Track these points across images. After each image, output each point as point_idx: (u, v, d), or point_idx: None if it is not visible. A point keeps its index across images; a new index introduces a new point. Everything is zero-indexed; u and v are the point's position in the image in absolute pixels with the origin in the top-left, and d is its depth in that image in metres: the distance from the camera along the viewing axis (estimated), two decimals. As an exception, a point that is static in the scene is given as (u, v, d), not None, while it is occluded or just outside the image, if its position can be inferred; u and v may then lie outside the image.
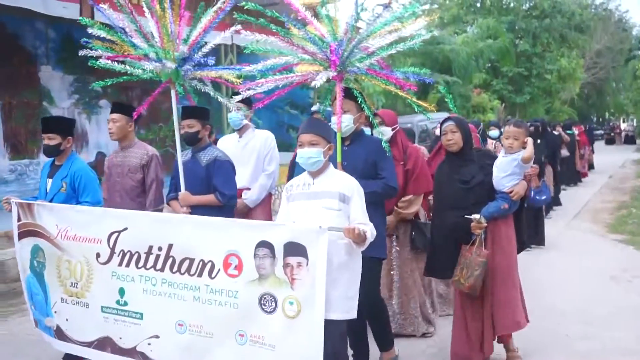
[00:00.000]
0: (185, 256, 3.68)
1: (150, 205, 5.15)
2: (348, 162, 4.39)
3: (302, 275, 3.31)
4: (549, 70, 30.14)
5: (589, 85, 40.10)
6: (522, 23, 30.20)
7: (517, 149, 4.56)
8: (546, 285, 7.11)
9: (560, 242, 9.73)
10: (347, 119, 4.43)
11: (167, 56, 4.57)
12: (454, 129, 4.58)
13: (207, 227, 3.73)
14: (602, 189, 16.98)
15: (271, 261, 3.39)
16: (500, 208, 4.49)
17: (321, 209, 3.61)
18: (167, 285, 3.75)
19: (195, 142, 4.92)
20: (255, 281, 3.43)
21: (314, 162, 3.67)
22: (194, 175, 4.86)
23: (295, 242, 3.33)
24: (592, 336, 5.44)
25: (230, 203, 4.93)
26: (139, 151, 5.23)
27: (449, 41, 23.15)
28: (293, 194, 3.78)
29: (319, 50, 4.09)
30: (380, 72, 4.15)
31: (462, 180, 4.57)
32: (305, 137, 3.70)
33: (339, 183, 3.69)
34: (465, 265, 4.42)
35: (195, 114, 4.92)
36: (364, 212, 3.67)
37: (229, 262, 3.52)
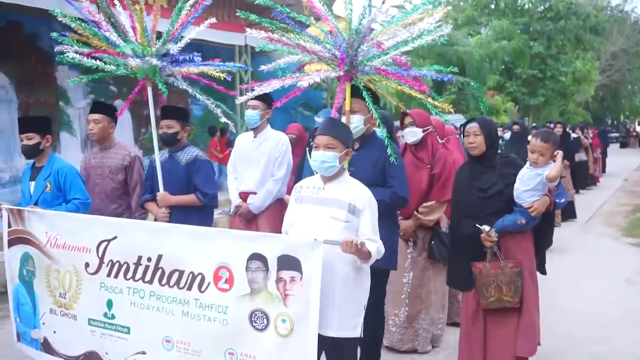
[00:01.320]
0: (174, 268, 3.52)
1: (137, 209, 5.03)
2: (356, 168, 4.14)
3: (296, 290, 3.13)
4: (564, 72, 29.92)
5: (604, 87, 39.80)
6: (537, 25, 30.01)
7: (543, 164, 4.12)
8: (560, 288, 7.08)
9: (574, 245, 9.67)
10: (357, 120, 4.17)
11: (144, 52, 4.42)
12: (477, 131, 4.24)
13: (197, 237, 3.55)
14: (616, 192, 16.85)
15: (264, 275, 3.21)
16: (516, 222, 4.14)
17: (327, 217, 3.40)
18: (155, 298, 3.59)
19: (174, 143, 4.81)
20: (246, 296, 3.26)
21: (328, 167, 3.43)
22: (172, 175, 4.74)
23: (289, 255, 3.15)
24: (606, 339, 5.42)
25: (211, 203, 4.82)
26: (120, 152, 5.09)
27: (462, 43, 23.10)
28: (302, 195, 3.57)
29: (324, 49, 3.91)
30: (392, 71, 3.90)
31: (480, 188, 4.26)
32: (322, 139, 3.45)
33: (351, 193, 3.45)
34: (503, 283, 4.12)
35: (175, 114, 4.78)
36: (374, 228, 3.44)
37: (219, 275, 3.36)
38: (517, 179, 4.18)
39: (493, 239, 4.13)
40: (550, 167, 4.10)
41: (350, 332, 3.40)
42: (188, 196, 4.73)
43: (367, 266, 3.47)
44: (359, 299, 3.46)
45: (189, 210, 4.67)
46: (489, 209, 4.21)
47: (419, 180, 4.91)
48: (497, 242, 4.15)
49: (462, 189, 4.40)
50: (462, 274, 4.32)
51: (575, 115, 33.11)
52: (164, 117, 4.75)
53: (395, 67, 3.91)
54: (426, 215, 4.97)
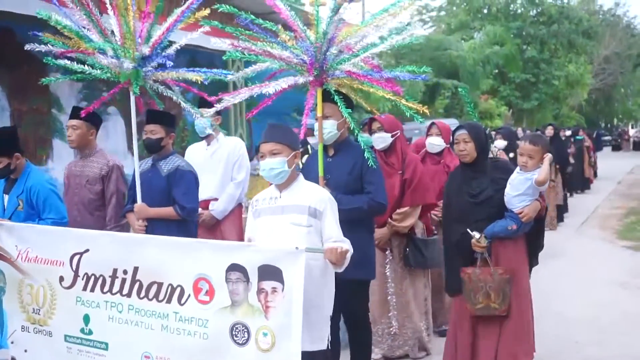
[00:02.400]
0: (152, 280, 3.37)
1: (111, 221, 4.77)
2: (332, 175, 4.02)
3: (277, 302, 3.00)
4: (557, 76, 30.10)
5: (597, 91, 40.00)
6: (530, 29, 30.19)
7: (533, 168, 4.03)
8: (555, 292, 7.07)
9: (568, 248, 9.67)
10: (330, 125, 4.02)
11: (127, 55, 4.22)
12: (467, 138, 4.14)
13: (173, 248, 3.41)
14: (610, 195, 16.89)
15: (245, 286, 3.07)
16: (507, 228, 4.05)
17: (288, 225, 3.27)
18: (134, 312, 3.43)
19: (157, 149, 4.54)
20: (227, 308, 3.12)
21: (277, 174, 3.29)
22: (153, 186, 4.48)
23: (270, 265, 3.03)
24: (602, 343, 5.40)
25: (190, 217, 4.56)
26: (99, 161, 4.82)
27: (456, 47, 23.18)
28: (259, 209, 3.43)
29: (292, 55, 3.82)
30: (364, 74, 3.80)
31: (470, 193, 4.17)
32: (265, 146, 3.33)
33: (308, 196, 3.33)
34: (491, 289, 4.02)
35: (159, 119, 4.54)
36: (338, 229, 3.34)
37: (199, 287, 3.22)
38: (508, 184, 4.09)
39: (483, 245, 4.04)
40: (537, 173, 4.03)
41: (318, 344, 3.29)
42: (166, 209, 4.45)
43: (332, 276, 3.36)
44: (326, 309, 3.35)
45: (168, 223, 4.42)
46: (479, 214, 4.11)
47: (391, 187, 4.72)
48: (488, 248, 4.06)
49: (453, 194, 4.30)
50: (454, 280, 4.23)
51: (569, 119, 33.25)
52: (148, 122, 4.54)
53: (367, 70, 3.83)
54: (400, 221, 4.84)
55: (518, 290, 4.14)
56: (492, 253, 4.11)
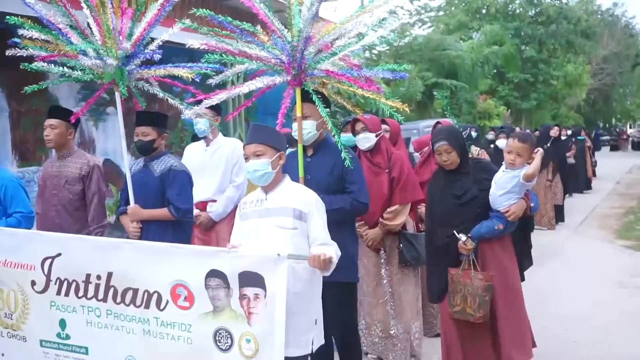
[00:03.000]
0: (127, 286, 3.31)
1: (93, 222, 4.63)
2: (312, 175, 3.97)
3: (260, 308, 2.97)
4: (555, 76, 30.11)
5: (596, 91, 40.02)
6: (528, 29, 30.18)
7: (520, 166, 3.98)
8: (553, 291, 7.09)
9: (567, 248, 9.71)
10: (309, 125, 3.97)
11: (109, 54, 4.10)
12: (449, 149, 4.06)
13: (148, 253, 3.35)
14: (609, 195, 16.91)
15: (226, 292, 3.04)
16: (493, 229, 3.98)
17: (274, 228, 3.22)
18: (113, 316, 3.36)
19: (150, 152, 4.43)
20: (209, 314, 3.09)
21: (261, 176, 3.25)
22: (146, 187, 4.39)
23: (251, 272, 2.99)
24: (599, 342, 5.42)
25: (186, 218, 4.47)
26: (78, 160, 4.68)
27: (454, 47, 23.19)
28: (246, 211, 3.38)
29: (270, 54, 3.76)
30: (342, 73, 3.74)
31: (454, 194, 4.10)
32: (249, 148, 3.29)
33: (294, 198, 3.29)
34: (468, 294, 3.94)
35: (151, 120, 4.42)
36: (325, 231, 3.28)
37: (177, 294, 3.17)
38: (493, 183, 4.05)
39: (469, 247, 3.97)
40: (525, 169, 3.97)
41: (303, 349, 3.25)
42: (160, 210, 4.36)
43: (319, 279, 3.30)
44: (311, 314, 3.30)
45: (163, 225, 4.33)
46: (465, 216, 4.05)
47: (379, 186, 4.73)
48: (474, 250, 4.00)
49: (436, 197, 4.24)
50: (437, 285, 4.16)
51: (567, 119, 33.27)
52: (139, 124, 4.41)
53: (346, 68, 3.77)
54: (392, 220, 4.78)
55: (508, 291, 4.07)
56: (479, 255, 4.04)
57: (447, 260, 4.09)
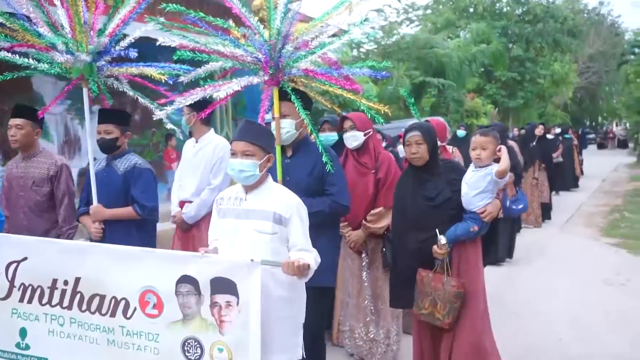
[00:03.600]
0: (94, 292, 3.18)
1: (65, 223, 4.49)
2: (291, 176, 3.87)
3: (232, 316, 2.86)
4: (542, 75, 30.21)
5: (582, 89, 40.28)
6: (515, 28, 30.26)
7: (487, 161, 3.89)
8: (539, 289, 7.13)
9: (553, 246, 9.76)
10: (287, 124, 3.86)
11: (80, 48, 3.97)
12: (420, 140, 3.91)
13: (119, 258, 3.20)
14: (595, 192, 17.03)
15: (196, 299, 2.93)
16: (468, 231, 3.86)
17: (251, 231, 3.10)
18: (76, 325, 3.23)
19: (112, 150, 4.33)
20: (178, 322, 2.98)
21: (247, 177, 3.12)
22: (109, 186, 4.27)
23: (223, 278, 2.88)
24: (584, 340, 5.45)
25: (151, 216, 4.34)
26: (45, 161, 4.53)
27: (442, 46, 23.23)
28: (223, 208, 3.25)
29: (245, 52, 3.66)
30: (321, 72, 3.64)
31: (426, 196, 3.94)
32: (239, 145, 3.13)
33: (275, 201, 3.15)
34: (439, 298, 3.81)
35: (114, 118, 4.32)
36: (305, 237, 3.17)
37: (145, 300, 3.05)
38: (463, 184, 3.92)
39: (444, 251, 3.84)
40: (496, 166, 3.87)
41: (292, 354, 3.18)
42: (124, 209, 4.25)
43: (302, 282, 3.17)
44: (297, 317, 3.23)
45: (126, 224, 4.22)
46: (438, 218, 3.89)
47: (365, 187, 4.63)
48: (448, 254, 3.87)
49: (406, 199, 4.05)
50: (404, 290, 4.00)
51: (554, 117, 33.43)
52: (101, 122, 4.28)
53: (325, 67, 3.68)
54: (375, 222, 4.66)
55: (475, 290, 3.93)
56: (453, 258, 3.92)
57: (418, 264, 3.95)
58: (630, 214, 12.76)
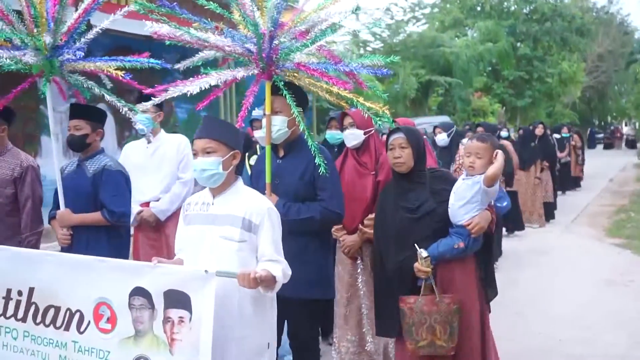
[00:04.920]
0: (49, 303, 2.99)
1: (27, 229, 4.18)
2: (281, 180, 3.60)
3: (184, 334, 2.64)
4: (550, 74, 30.12)
5: (591, 88, 40.07)
6: (523, 27, 30.19)
7: (481, 171, 3.43)
8: (541, 289, 7.10)
9: (557, 246, 9.72)
10: (279, 122, 3.58)
11: (37, 43, 3.74)
12: (404, 143, 3.55)
13: (73, 267, 3.01)
14: (601, 192, 16.93)
15: (150, 313, 2.71)
16: (452, 247, 3.42)
17: (218, 238, 2.85)
18: (29, 339, 3.05)
19: (82, 148, 4.04)
20: (130, 339, 2.77)
21: (210, 176, 2.86)
22: (77, 189, 4.01)
23: (177, 290, 2.66)
24: (586, 341, 5.41)
25: (121, 222, 4.06)
26: (11, 161, 4.23)
27: (449, 44, 23.21)
28: (190, 214, 3.00)
29: (236, 43, 3.41)
30: (315, 67, 3.40)
31: (407, 207, 3.54)
32: (199, 143, 2.89)
33: (245, 205, 2.88)
34: (437, 323, 3.32)
35: (84, 113, 4.04)
36: (275, 246, 2.89)
37: (99, 313, 2.85)
38: (452, 194, 3.50)
39: (427, 269, 3.39)
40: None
41: None
42: (93, 214, 3.97)
43: (271, 296, 2.93)
44: (262, 336, 2.94)
45: (96, 231, 3.97)
46: (419, 232, 3.49)
47: (363, 189, 4.27)
48: (432, 273, 3.42)
49: (386, 211, 3.68)
50: (390, 317, 3.58)
51: (562, 117, 33.31)
52: (72, 117, 4.02)
53: (323, 61, 3.46)
54: (372, 228, 4.19)
55: (466, 323, 3.46)
56: (437, 279, 3.46)
57: (401, 287, 3.52)
58: (636, 214, 12.67)
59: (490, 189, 3.41)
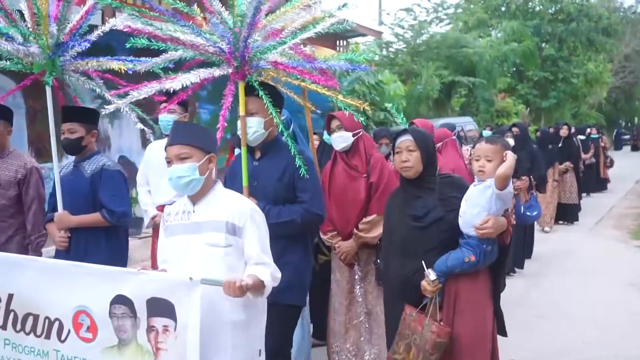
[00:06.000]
0: (28, 311, 2.91)
1: (34, 230, 4.19)
2: (259, 182, 3.51)
3: (169, 343, 2.55)
4: (576, 75, 29.78)
5: (617, 89, 39.50)
6: (548, 27, 29.88)
7: (491, 174, 3.14)
8: (564, 291, 7.07)
9: (581, 248, 9.64)
10: (255, 123, 3.46)
11: (39, 42, 3.71)
12: (412, 146, 3.31)
13: (53, 274, 2.91)
14: (627, 194, 16.72)
15: (132, 322, 2.63)
16: (462, 261, 3.14)
17: (203, 246, 2.76)
18: (10, 348, 2.96)
19: (77, 151, 3.99)
20: (114, 348, 2.68)
21: (187, 183, 2.76)
22: (76, 190, 3.93)
23: (160, 299, 2.58)
24: (607, 343, 5.39)
25: (121, 222, 3.99)
26: (14, 162, 4.22)
27: (473, 45, 23.06)
28: (170, 225, 2.90)
29: (207, 41, 3.29)
30: (293, 65, 3.30)
31: (413, 215, 3.30)
32: (172, 150, 2.80)
33: (227, 209, 2.79)
34: (414, 344, 3.12)
35: (78, 116, 3.99)
36: (262, 247, 2.81)
37: (79, 322, 2.76)
38: (463, 201, 3.23)
39: (433, 289, 3.18)
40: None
41: None
42: (92, 215, 3.90)
43: (261, 302, 2.87)
44: (254, 343, 2.86)
45: (94, 232, 3.90)
46: (426, 243, 3.24)
47: (356, 192, 4.14)
48: (441, 291, 3.20)
49: (392, 219, 3.48)
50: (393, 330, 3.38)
51: (588, 118, 32.92)
52: (65, 120, 3.96)
53: (298, 60, 3.34)
54: (368, 232, 4.14)
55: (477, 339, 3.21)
56: (445, 296, 3.23)
57: (403, 301, 3.33)
58: (662, 216, 12.52)
59: (504, 193, 3.12)
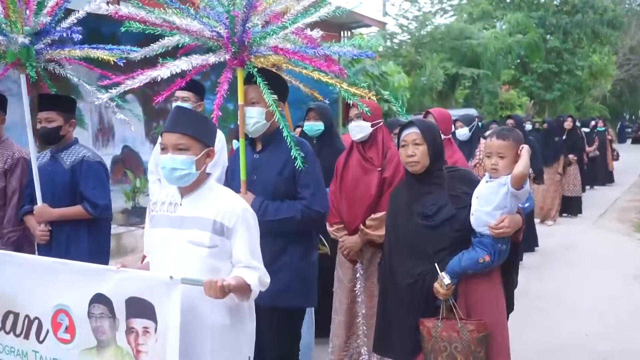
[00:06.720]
0: (8, 309, 2.81)
1: (10, 223, 3.99)
2: (258, 176, 3.34)
3: (150, 345, 2.43)
4: (580, 67, 29.66)
5: (622, 82, 39.37)
6: (553, 19, 29.72)
7: (506, 172, 2.97)
8: (567, 284, 7.07)
9: (584, 241, 9.64)
10: (256, 113, 3.28)
11: (14, 30, 3.54)
12: (418, 139, 3.13)
13: (31, 270, 2.80)
14: (631, 187, 16.70)
15: (111, 323, 2.51)
16: (477, 261, 2.99)
17: (186, 243, 2.57)
18: None
19: (55, 140, 3.86)
20: (92, 350, 2.57)
21: (181, 176, 2.56)
22: (55, 182, 3.80)
23: (140, 298, 2.46)
24: (612, 336, 5.39)
25: (104, 215, 3.88)
26: (4, 152, 4.08)
27: (477, 36, 22.98)
28: (156, 215, 2.71)
29: (203, 25, 3.13)
30: (294, 51, 3.13)
31: (422, 213, 3.11)
32: (170, 138, 2.57)
33: (216, 207, 2.58)
34: (457, 351, 2.93)
35: (56, 104, 3.85)
36: (251, 252, 2.61)
37: (58, 322, 2.66)
38: (474, 198, 3.05)
39: (447, 292, 3.00)
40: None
41: None
42: (73, 208, 3.78)
43: (248, 305, 2.70)
44: (239, 348, 2.68)
45: (76, 225, 3.78)
46: (437, 243, 3.06)
47: (367, 185, 3.92)
48: (453, 293, 3.03)
49: (398, 217, 3.26)
50: (402, 341, 3.17)
51: (592, 110, 32.84)
52: (42, 108, 3.81)
53: (300, 45, 3.18)
54: (375, 229, 3.88)
55: (495, 337, 3.05)
56: (459, 297, 3.06)
57: (408, 305, 3.13)
58: (666, 209, 12.51)
59: (520, 192, 2.96)
